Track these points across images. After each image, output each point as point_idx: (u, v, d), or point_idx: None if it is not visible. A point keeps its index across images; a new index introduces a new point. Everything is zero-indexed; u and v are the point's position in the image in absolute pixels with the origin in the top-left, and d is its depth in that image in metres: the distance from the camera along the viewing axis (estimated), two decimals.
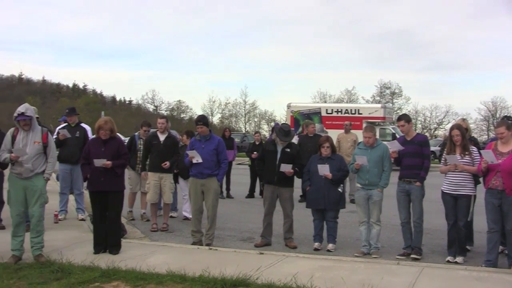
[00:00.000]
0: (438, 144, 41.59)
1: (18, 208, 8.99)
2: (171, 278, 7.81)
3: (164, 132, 12.31)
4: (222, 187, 17.22)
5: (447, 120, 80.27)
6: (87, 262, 8.63)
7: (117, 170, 9.49)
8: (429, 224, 11.22)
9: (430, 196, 10.17)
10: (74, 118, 12.97)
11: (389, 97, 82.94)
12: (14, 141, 8.95)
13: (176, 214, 14.04)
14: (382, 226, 10.30)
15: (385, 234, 11.29)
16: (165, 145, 12.15)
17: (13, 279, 7.88)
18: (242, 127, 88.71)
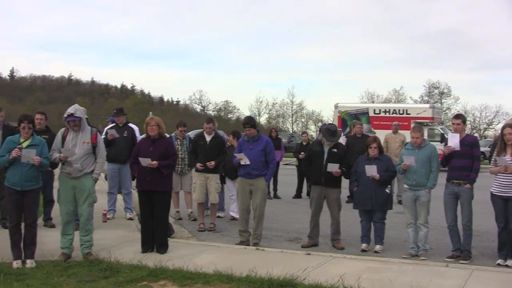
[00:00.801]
0: (487, 144, 41.10)
1: (67, 207, 9.13)
2: (218, 278, 7.83)
3: (210, 133, 12.34)
4: (269, 187, 17.19)
5: (497, 120, 78.75)
6: (135, 261, 8.72)
7: (163, 170, 9.53)
8: (479, 226, 11.04)
9: (479, 197, 9.98)
10: (122, 118, 13.11)
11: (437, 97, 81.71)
12: (64, 141, 9.10)
13: (223, 214, 14.08)
14: (431, 227, 10.18)
15: (434, 236, 11.15)
16: (212, 146, 12.18)
17: (63, 277, 8.00)
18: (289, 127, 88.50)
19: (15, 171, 8.64)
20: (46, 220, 11.88)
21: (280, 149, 18.43)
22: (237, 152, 10.69)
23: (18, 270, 8.31)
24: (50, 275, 8.08)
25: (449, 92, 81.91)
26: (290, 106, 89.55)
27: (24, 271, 8.30)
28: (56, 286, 7.56)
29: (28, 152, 8.59)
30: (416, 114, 33.76)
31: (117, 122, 13.11)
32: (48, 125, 11.82)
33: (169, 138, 10.47)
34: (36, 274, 8.13)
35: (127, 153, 12.40)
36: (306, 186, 16.79)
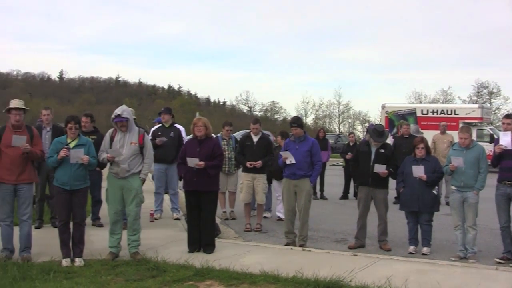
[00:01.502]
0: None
1: (115, 207, 9.23)
2: (264, 278, 7.83)
3: (257, 134, 12.35)
4: (316, 188, 17.16)
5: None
6: (182, 261, 8.77)
7: (210, 171, 9.56)
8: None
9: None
10: (168, 117, 13.20)
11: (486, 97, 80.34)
12: (112, 142, 9.20)
13: (269, 215, 14.07)
14: (480, 229, 10.03)
15: (483, 238, 10.98)
16: (258, 146, 12.19)
17: (111, 275, 8.09)
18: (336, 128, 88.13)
19: (64, 171, 8.76)
20: (95, 219, 12.03)
21: (327, 150, 18.33)
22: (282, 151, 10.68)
23: (67, 268, 8.42)
24: (98, 273, 8.17)
25: (498, 92, 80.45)
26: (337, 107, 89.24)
27: (73, 269, 8.41)
28: (104, 284, 7.64)
29: (76, 152, 8.71)
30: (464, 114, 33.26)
31: (163, 121, 13.20)
32: (96, 126, 11.97)
33: (216, 139, 10.49)
34: (85, 272, 8.23)
35: (174, 153, 12.48)
36: (353, 187, 16.69)
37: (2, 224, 8.99)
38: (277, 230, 12.16)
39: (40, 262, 8.71)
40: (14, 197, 8.97)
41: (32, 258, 8.93)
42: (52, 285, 7.49)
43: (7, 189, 8.86)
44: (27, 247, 9.06)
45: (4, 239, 9.00)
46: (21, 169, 8.90)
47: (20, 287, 7.39)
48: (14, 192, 8.92)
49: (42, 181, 11.28)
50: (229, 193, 13.65)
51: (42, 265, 8.47)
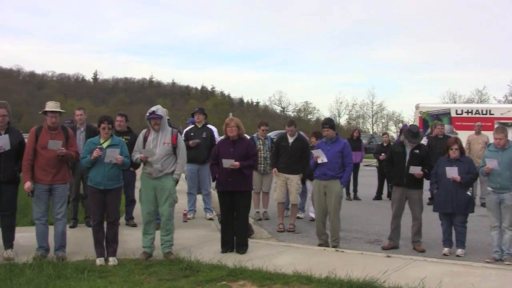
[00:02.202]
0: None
1: (148, 207, 9.28)
2: (297, 279, 7.81)
3: (293, 135, 12.32)
4: (349, 189, 17.10)
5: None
6: (215, 261, 8.78)
7: (245, 171, 9.57)
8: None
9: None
10: (202, 117, 13.24)
11: None
12: (146, 142, 9.25)
13: (303, 215, 14.04)
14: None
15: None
16: (293, 147, 12.17)
17: (144, 275, 8.13)
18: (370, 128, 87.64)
19: (98, 171, 8.84)
20: (128, 219, 12.11)
21: (360, 150, 18.27)
22: None
23: (101, 267, 8.49)
24: (131, 273, 8.22)
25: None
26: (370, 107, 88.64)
27: (106, 268, 8.47)
28: (137, 284, 7.68)
29: (111, 152, 8.78)
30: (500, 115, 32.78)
31: (197, 121, 13.25)
32: (129, 126, 12.05)
33: (249, 139, 10.49)
34: (118, 271, 8.29)
35: (206, 154, 12.53)
36: (387, 187, 16.60)
37: (37, 223, 9.10)
38: (310, 231, 12.12)
39: (75, 261, 8.79)
40: (49, 196, 9.08)
41: (67, 257, 9.01)
42: (86, 284, 7.55)
43: (42, 189, 8.96)
44: (61, 246, 9.15)
45: (39, 237, 9.10)
46: (56, 170, 9.00)
47: (55, 285, 7.45)
48: (49, 191, 9.03)
49: (76, 180, 11.40)
50: (263, 194, 13.66)
51: (77, 264, 8.55)
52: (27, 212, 11.92)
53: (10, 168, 9.05)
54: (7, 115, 9.08)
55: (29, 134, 9.16)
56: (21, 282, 7.53)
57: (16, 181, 9.23)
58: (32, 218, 9.82)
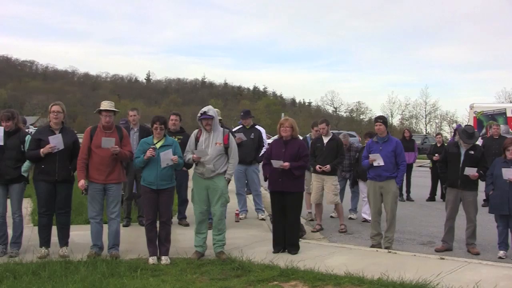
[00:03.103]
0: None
1: (201, 207, 9.32)
2: (349, 280, 7.75)
3: (327, 135, 12.25)
4: (402, 190, 16.91)
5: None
6: (267, 261, 8.78)
7: (295, 171, 9.53)
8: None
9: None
10: (249, 120, 13.25)
11: None
12: (197, 142, 9.30)
13: (355, 216, 13.95)
14: None
15: None
16: (328, 148, 12.07)
17: (196, 274, 8.18)
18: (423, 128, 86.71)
19: (151, 171, 8.92)
20: (181, 218, 12.19)
21: (413, 151, 18.06)
22: (365, 154, 10.57)
23: (153, 266, 8.57)
24: (183, 272, 8.27)
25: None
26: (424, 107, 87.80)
27: (159, 267, 8.55)
28: (189, 283, 7.72)
29: (166, 155, 8.85)
30: None
31: (244, 124, 13.26)
32: (182, 126, 12.13)
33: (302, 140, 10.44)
34: (171, 270, 8.35)
35: (253, 154, 12.57)
36: (441, 189, 16.38)
37: (92, 222, 9.24)
38: (363, 232, 12.05)
39: (128, 260, 8.89)
40: (104, 196, 9.21)
41: (120, 255, 9.13)
42: (139, 282, 7.62)
43: (96, 188, 9.10)
44: (115, 245, 9.27)
45: (93, 236, 9.24)
46: (110, 169, 9.12)
47: (109, 283, 7.54)
48: (104, 191, 9.16)
49: (130, 180, 11.52)
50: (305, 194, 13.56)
51: (130, 262, 8.65)
52: (81, 210, 12.13)
53: (65, 167, 9.21)
54: (61, 112, 9.26)
55: (84, 133, 9.31)
56: (76, 279, 7.65)
57: (71, 180, 9.38)
58: (86, 216, 10.03)
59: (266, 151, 10.11)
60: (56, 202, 9.19)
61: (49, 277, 7.79)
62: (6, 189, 9.28)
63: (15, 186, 9.26)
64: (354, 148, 13.92)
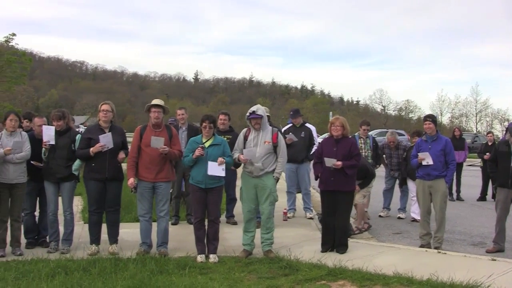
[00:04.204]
0: None
1: (249, 205, 9.34)
2: (397, 280, 7.68)
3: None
4: (452, 189, 16.69)
5: None
6: (315, 260, 8.75)
7: (347, 170, 9.46)
8: None
9: None
10: (299, 119, 13.22)
11: None
12: (246, 141, 9.32)
13: (404, 215, 13.81)
14: None
15: None
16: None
17: (244, 272, 8.19)
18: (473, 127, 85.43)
19: (199, 170, 8.96)
20: (229, 217, 12.23)
21: (463, 150, 17.81)
22: (414, 153, 10.46)
23: (201, 264, 8.62)
24: (231, 270, 8.30)
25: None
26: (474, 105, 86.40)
27: (207, 265, 8.60)
28: (237, 281, 7.74)
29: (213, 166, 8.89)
30: None
31: (294, 123, 13.24)
32: (231, 125, 12.16)
33: (353, 138, 10.37)
34: (219, 268, 8.39)
35: (304, 153, 12.53)
36: (491, 188, 16.12)
37: (141, 220, 9.35)
38: (411, 231, 11.93)
39: (176, 257, 8.96)
40: (153, 194, 9.30)
41: (169, 253, 9.21)
42: (187, 280, 7.67)
43: (146, 186, 9.19)
44: (164, 242, 9.35)
45: (143, 234, 9.34)
46: (159, 168, 9.21)
47: (157, 280, 7.62)
48: (153, 189, 9.25)
49: (178, 178, 11.61)
50: None
51: (178, 260, 8.71)
52: (131, 208, 12.28)
53: (114, 166, 9.33)
54: (111, 111, 9.40)
55: (134, 132, 9.43)
56: (125, 276, 7.76)
57: (120, 178, 9.50)
58: (136, 214, 10.15)
59: (316, 150, 10.05)
60: (106, 200, 9.33)
61: (99, 274, 7.93)
62: (57, 187, 9.49)
63: (66, 184, 9.45)
64: (402, 146, 13.78)
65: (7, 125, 9.30)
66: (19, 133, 9.40)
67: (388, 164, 13.89)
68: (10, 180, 9.18)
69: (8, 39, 26.29)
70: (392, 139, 13.60)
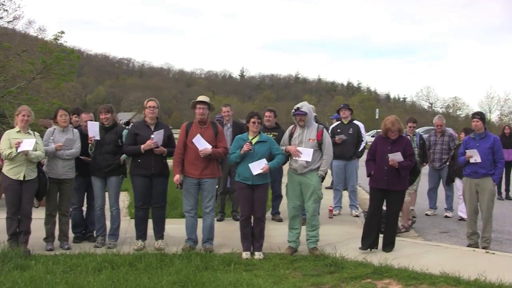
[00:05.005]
0: None
1: (294, 202, 9.33)
2: (444, 280, 7.60)
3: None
4: (500, 188, 16.42)
5: None
6: (360, 258, 8.72)
7: (402, 171, 9.36)
8: None
9: None
10: (348, 113, 13.16)
11: None
12: (291, 138, 9.31)
13: (451, 214, 13.63)
14: None
15: None
16: None
17: (289, 269, 8.21)
18: None
19: (246, 166, 8.97)
20: (274, 214, 12.23)
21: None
22: (462, 151, 10.31)
23: (247, 261, 8.65)
24: (277, 267, 8.32)
25: None
26: None
27: (252, 262, 8.62)
28: (282, 278, 7.75)
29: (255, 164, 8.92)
30: None
31: (343, 117, 13.18)
32: (277, 122, 12.15)
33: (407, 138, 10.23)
34: (264, 265, 8.41)
35: (353, 150, 12.46)
36: None
37: (187, 216, 9.41)
38: (459, 230, 11.76)
39: (221, 254, 9.01)
40: (198, 190, 9.35)
41: (214, 249, 9.26)
42: (233, 276, 7.70)
43: (191, 183, 9.24)
44: (209, 239, 9.39)
45: (188, 230, 9.40)
46: (205, 164, 9.24)
47: (203, 276, 7.65)
48: (198, 185, 9.30)
49: (224, 175, 11.63)
50: None
51: (223, 257, 8.76)
52: (177, 204, 12.37)
53: (160, 162, 9.41)
54: (157, 107, 9.48)
55: (180, 129, 9.50)
56: (171, 271, 7.81)
57: (166, 174, 9.57)
58: (181, 211, 10.20)
59: (370, 148, 9.92)
60: (152, 196, 9.41)
61: (145, 269, 8.02)
62: (104, 182, 9.62)
63: (113, 179, 9.57)
64: (448, 133, 13.54)
65: (59, 121, 9.49)
66: (71, 130, 9.59)
67: (431, 153, 13.60)
68: (59, 175, 9.35)
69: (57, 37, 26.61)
70: (439, 122, 13.38)
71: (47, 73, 25.73)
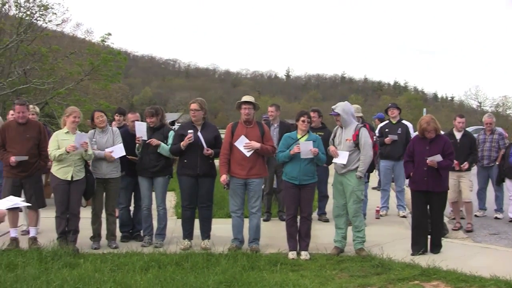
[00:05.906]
0: None
1: (337, 200, 9.34)
2: (495, 283, 7.44)
3: (460, 130, 11.81)
4: None
5: None
6: (407, 259, 8.62)
7: (441, 171, 9.24)
8: None
9: None
10: (396, 112, 13.08)
11: None
12: (334, 138, 9.32)
13: (501, 216, 13.38)
14: None
15: None
16: (461, 144, 11.64)
17: (335, 270, 8.17)
18: None
19: (294, 166, 8.97)
20: (320, 214, 12.20)
21: None
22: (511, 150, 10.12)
23: (293, 261, 8.64)
24: (323, 267, 8.29)
25: None
26: None
27: (298, 262, 8.61)
28: (329, 279, 7.72)
29: (306, 145, 8.87)
30: None
31: (392, 116, 13.08)
32: (323, 122, 12.10)
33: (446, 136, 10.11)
34: (310, 265, 8.39)
35: (401, 150, 12.33)
36: None
37: (233, 216, 9.44)
38: (509, 232, 11.54)
39: (268, 254, 9.01)
40: (245, 190, 9.36)
41: (260, 249, 9.27)
42: (279, 276, 7.70)
43: (238, 183, 9.27)
44: (255, 239, 9.40)
45: (235, 229, 9.44)
46: (251, 164, 9.26)
47: (249, 276, 7.66)
48: (245, 185, 9.32)
49: (270, 175, 11.62)
50: None
51: (270, 257, 8.76)
52: (223, 204, 12.41)
53: (206, 162, 9.45)
54: (199, 110, 9.51)
55: (226, 129, 9.53)
56: (217, 271, 7.85)
57: (213, 174, 9.61)
58: (228, 211, 10.24)
59: (407, 149, 9.81)
60: (199, 196, 9.46)
61: (191, 268, 8.08)
62: (151, 182, 9.71)
63: (159, 179, 9.65)
64: (498, 132, 13.29)
65: (96, 123, 9.66)
66: (110, 130, 9.74)
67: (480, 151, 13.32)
68: (103, 175, 9.49)
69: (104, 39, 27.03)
70: (489, 120, 13.11)
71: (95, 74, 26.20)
